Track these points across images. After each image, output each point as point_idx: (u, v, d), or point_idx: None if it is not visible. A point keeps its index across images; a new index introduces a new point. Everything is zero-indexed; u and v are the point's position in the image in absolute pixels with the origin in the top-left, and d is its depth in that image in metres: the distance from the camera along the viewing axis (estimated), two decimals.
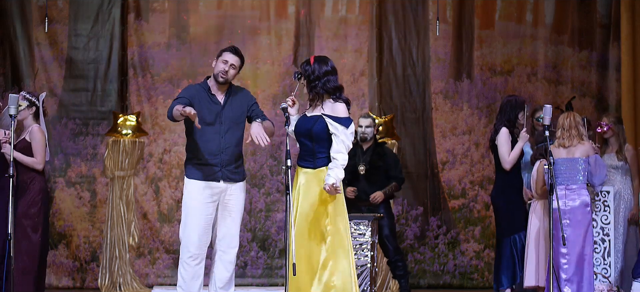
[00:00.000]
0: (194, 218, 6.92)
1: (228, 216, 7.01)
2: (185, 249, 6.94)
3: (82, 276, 10.91)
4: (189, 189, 6.96)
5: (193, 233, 6.91)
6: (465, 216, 11.21)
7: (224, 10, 11.30)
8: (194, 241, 6.91)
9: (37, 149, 8.01)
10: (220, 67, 6.96)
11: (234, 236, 7.05)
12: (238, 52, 7.04)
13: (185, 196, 6.98)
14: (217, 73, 6.97)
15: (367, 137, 9.22)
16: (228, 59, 6.97)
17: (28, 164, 8.01)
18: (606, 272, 8.60)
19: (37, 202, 8.02)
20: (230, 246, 7.04)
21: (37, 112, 8.13)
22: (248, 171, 11.15)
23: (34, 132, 8.03)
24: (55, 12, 11.06)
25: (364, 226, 8.63)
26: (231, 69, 6.97)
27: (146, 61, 11.16)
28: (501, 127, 8.43)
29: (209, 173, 6.93)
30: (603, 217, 8.64)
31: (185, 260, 6.94)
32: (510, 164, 8.41)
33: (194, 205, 6.93)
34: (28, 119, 8.11)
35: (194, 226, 6.91)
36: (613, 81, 11.33)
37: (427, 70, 11.32)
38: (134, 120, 10.41)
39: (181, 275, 6.96)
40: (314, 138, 6.61)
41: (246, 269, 11.03)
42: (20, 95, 8.11)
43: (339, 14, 11.38)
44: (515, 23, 11.45)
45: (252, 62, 11.16)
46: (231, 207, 7.02)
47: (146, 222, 10.94)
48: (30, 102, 8.08)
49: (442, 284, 11.13)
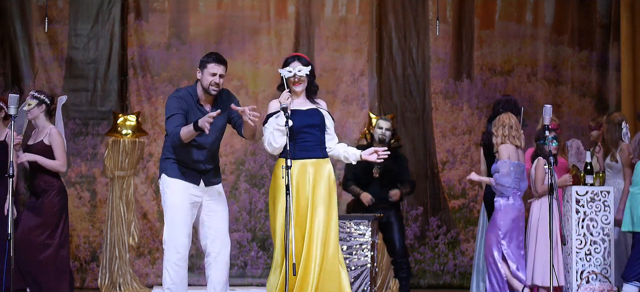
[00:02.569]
0: (181, 218, 6.74)
1: (214, 216, 6.88)
2: (173, 250, 6.73)
3: (82, 276, 10.91)
4: (173, 188, 6.77)
5: (181, 234, 6.74)
6: (465, 216, 11.21)
7: (224, 10, 11.30)
8: (183, 242, 6.75)
9: (58, 151, 7.97)
10: (210, 80, 6.77)
11: (226, 234, 6.91)
12: (223, 60, 6.85)
13: (169, 195, 6.77)
14: (208, 87, 6.77)
15: (386, 139, 9.19)
16: (216, 70, 6.78)
17: (51, 167, 7.96)
18: (606, 272, 8.60)
19: (55, 204, 8.01)
20: (223, 245, 6.88)
21: (49, 111, 8.09)
22: (248, 171, 11.16)
23: (54, 134, 7.99)
24: (55, 12, 11.06)
25: (364, 226, 8.63)
26: (221, 79, 6.81)
27: (146, 61, 11.16)
28: None
29: (192, 177, 6.78)
30: (603, 217, 8.65)
31: (175, 262, 6.74)
32: None
33: (181, 204, 6.75)
34: (40, 118, 8.05)
35: (182, 226, 6.74)
36: (613, 81, 11.33)
37: (427, 70, 11.32)
38: (134, 120, 10.40)
39: (171, 278, 6.76)
40: (321, 129, 6.88)
41: (246, 269, 11.03)
42: (30, 94, 8.11)
43: (339, 14, 11.38)
44: (515, 23, 11.46)
45: (252, 62, 11.17)
46: (216, 208, 6.89)
47: (146, 222, 10.94)
48: (39, 101, 8.03)
49: (442, 284, 11.13)
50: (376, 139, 9.17)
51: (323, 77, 11.19)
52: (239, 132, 6.91)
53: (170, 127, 6.67)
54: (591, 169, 8.68)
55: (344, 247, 8.56)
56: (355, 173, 9.19)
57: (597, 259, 8.61)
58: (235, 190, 11.15)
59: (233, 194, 11.11)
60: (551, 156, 7.36)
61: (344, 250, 8.55)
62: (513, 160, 8.19)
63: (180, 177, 6.77)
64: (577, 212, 8.60)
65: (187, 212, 6.77)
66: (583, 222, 8.62)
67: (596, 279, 8.56)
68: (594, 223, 8.62)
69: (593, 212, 8.62)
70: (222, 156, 11.13)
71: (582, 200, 8.61)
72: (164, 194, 6.82)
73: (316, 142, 6.85)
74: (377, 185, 9.17)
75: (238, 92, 11.18)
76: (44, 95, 8.08)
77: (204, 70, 6.79)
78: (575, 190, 8.62)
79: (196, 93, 6.83)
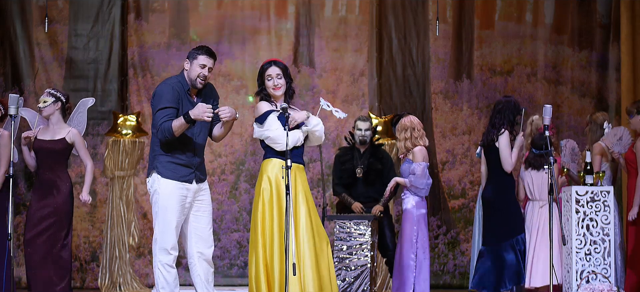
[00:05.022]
0: (174, 219, 6.73)
1: (202, 215, 6.87)
2: (165, 252, 6.73)
3: (82, 275, 10.91)
4: (166, 189, 6.73)
5: (173, 235, 6.75)
6: (465, 216, 11.21)
7: (224, 10, 11.30)
8: (175, 244, 6.77)
9: (83, 151, 8.09)
10: (198, 71, 6.73)
11: (209, 235, 6.91)
12: (213, 53, 6.82)
13: (162, 196, 6.73)
14: (196, 79, 6.73)
15: (366, 140, 9.19)
16: (206, 63, 6.74)
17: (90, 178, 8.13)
18: (606, 272, 8.60)
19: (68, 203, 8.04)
20: (208, 245, 6.89)
21: (64, 110, 8.11)
22: (248, 170, 11.16)
23: (76, 134, 8.07)
24: (55, 12, 11.07)
25: (364, 226, 8.62)
26: (209, 72, 6.78)
27: (146, 61, 11.17)
28: (503, 129, 8.40)
29: (184, 174, 6.76)
30: (603, 217, 8.64)
31: (168, 262, 6.75)
32: (513, 167, 8.42)
33: (174, 206, 6.73)
34: (55, 115, 8.07)
35: (174, 227, 6.74)
36: (613, 81, 11.33)
37: (427, 70, 11.32)
38: (134, 120, 10.41)
39: (164, 278, 6.76)
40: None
41: (246, 269, 11.02)
42: (46, 91, 8.13)
43: (339, 14, 11.38)
44: (515, 23, 11.46)
45: (252, 62, 11.17)
46: (204, 207, 6.89)
47: (146, 222, 10.94)
48: (55, 98, 8.05)
49: (442, 284, 11.14)
50: (357, 141, 9.18)
51: (323, 77, 11.20)
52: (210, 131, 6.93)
53: (161, 119, 6.64)
54: (591, 169, 8.68)
55: (344, 247, 8.56)
56: (341, 176, 9.19)
57: (597, 259, 8.61)
58: (235, 190, 11.15)
59: (233, 194, 11.12)
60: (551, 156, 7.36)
61: (344, 250, 8.56)
62: (426, 161, 8.35)
63: (173, 177, 6.73)
64: (577, 212, 8.60)
65: (180, 214, 6.76)
66: (583, 222, 8.62)
67: (596, 279, 8.55)
68: (594, 223, 8.62)
69: (593, 212, 8.61)
70: (222, 156, 11.14)
71: (582, 200, 8.61)
72: (156, 194, 6.78)
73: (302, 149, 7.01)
74: (361, 185, 9.16)
75: (238, 92, 11.20)
76: (61, 94, 8.11)
77: (194, 62, 6.76)
78: (575, 190, 8.61)
79: (186, 83, 6.80)
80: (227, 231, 11.02)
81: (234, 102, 11.10)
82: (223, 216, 11.01)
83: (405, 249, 8.39)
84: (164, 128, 6.60)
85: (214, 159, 11.06)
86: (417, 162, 8.36)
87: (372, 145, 9.30)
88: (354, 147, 9.23)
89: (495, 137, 8.39)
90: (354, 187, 9.16)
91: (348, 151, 9.30)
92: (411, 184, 8.35)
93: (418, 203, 8.40)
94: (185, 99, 6.74)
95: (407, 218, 8.44)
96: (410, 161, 8.40)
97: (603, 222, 8.64)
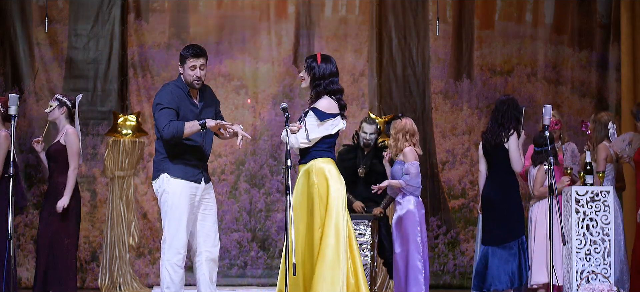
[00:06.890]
0: (184, 218, 6.77)
1: (208, 214, 6.92)
2: (175, 251, 6.77)
3: (82, 275, 10.90)
4: (176, 188, 6.76)
5: (184, 235, 6.78)
6: (465, 216, 11.21)
7: (224, 10, 11.30)
8: (185, 243, 6.80)
9: (72, 154, 7.98)
10: (191, 74, 6.76)
11: (216, 233, 6.96)
12: (201, 52, 6.83)
13: (172, 195, 6.76)
14: (192, 81, 6.77)
15: (371, 143, 9.19)
16: (195, 63, 6.76)
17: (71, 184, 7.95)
18: (606, 272, 8.60)
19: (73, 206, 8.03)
20: (214, 244, 6.93)
21: (70, 114, 8.11)
22: (248, 170, 11.16)
23: (69, 135, 8.01)
24: (55, 12, 11.06)
25: (364, 226, 8.62)
26: (202, 70, 6.79)
27: (146, 61, 11.17)
28: (512, 130, 8.39)
29: (192, 174, 6.80)
30: (603, 217, 8.64)
31: (177, 262, 6.78)
32: (522, 167, 8.42)
33: (184, 205, 6.76)
34: (60, 120, 8.08)
35: (185, 227, 6.78)
36: (613, 81, 11.33)
37: (427, 70, 11.32)
38: (134, 120, 10.41)
39: (171, 278, 6.79)
40: None
41: (246, 269, 11.03)
42: (54, 97, 8.15)
43: (339, 14, 11.38)
44: (515, 23, 11.46)
45: (252, 62, 11.17)
46: (211, 206, 6.94)
47: (146, 222, 10.94)
48: (60, 102, 8.06)
49: (442, 284, 11.13)
50: (361, 144, 9.17)
51: None
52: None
53: (166, 118, 6.67)
54: (591, 169, 8.68)
55: None
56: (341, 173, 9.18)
57: (597, 259, 8.60)
58: (235, 190, 11.15)
59: (233, 194, 11.11)
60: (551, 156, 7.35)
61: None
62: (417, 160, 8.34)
63: (183, 177, 6.78)
64: (577, 212, 8.60)
65: (189, 213, 6.80)
66: (583, 222, 8.62)
67: (596, 279, 8.55)
68: (594, 223, 8.62)
69: (593, 212, 8.61)
70: (222, 156, 11.13)
71: (582, 200, 8.60)
72: (165, 194, 6.81)
73: None
74: (362, 184, 9.16)
75: (238, 92, 11.19)
76: (67, 98, 8.12)
77: (184, 66, 6.80)
78: (575, 190, 8.61)
79: (185, 86, 6.83)
80: (227, 231, 11.02)
81: (234, 102, 11.11)
82: (223, 216, 11.01)
83: (411, 251, 8.33)
84: (175, 125, 6.65)
85: (214, 159, 11.05)
86: (410, 162, 8.31)
87: (376, 146, 9.30)
88: (358, 147, 9.23)
89: (506, 137, 8.38)
90: (354, 187, 9.16)
91: (352, 150, 9.30)
92: (407, 184, 8.32)
93: (418, 204, 8.38)
94: (186, 101, 6.78)
95: (410, 219, 8.39)
96: (401, 162, 8.35)
97: (603, 222, 8.63)
